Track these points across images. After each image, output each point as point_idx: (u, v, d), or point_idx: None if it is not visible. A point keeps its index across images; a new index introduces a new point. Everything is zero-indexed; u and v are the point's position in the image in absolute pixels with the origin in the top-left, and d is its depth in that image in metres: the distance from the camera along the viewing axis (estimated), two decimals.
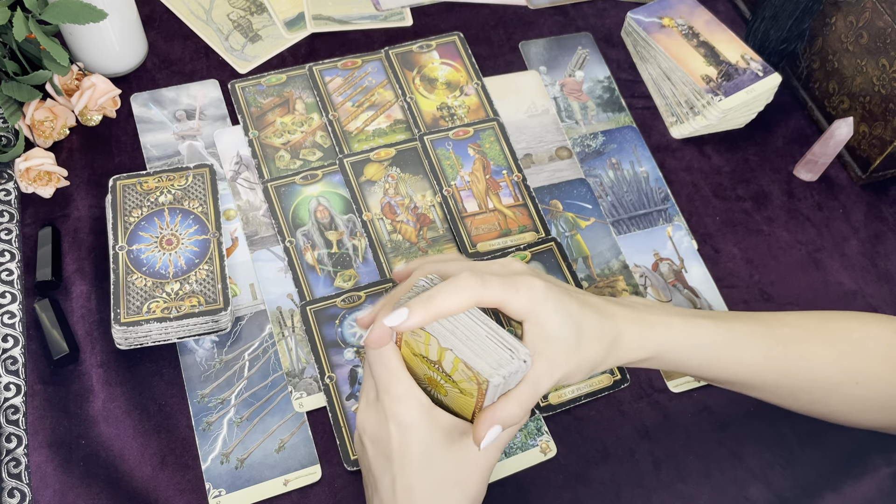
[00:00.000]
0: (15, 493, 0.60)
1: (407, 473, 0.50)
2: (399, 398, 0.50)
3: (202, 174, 0.71)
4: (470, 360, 0.48)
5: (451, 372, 0.50)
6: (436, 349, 0.50)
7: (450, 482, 0.51)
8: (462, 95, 0.82)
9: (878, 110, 0.77)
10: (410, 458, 0.50)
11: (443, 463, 0.51)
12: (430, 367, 0.52)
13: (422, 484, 0.50)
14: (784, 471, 0.65)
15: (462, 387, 0.51)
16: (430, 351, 0.51)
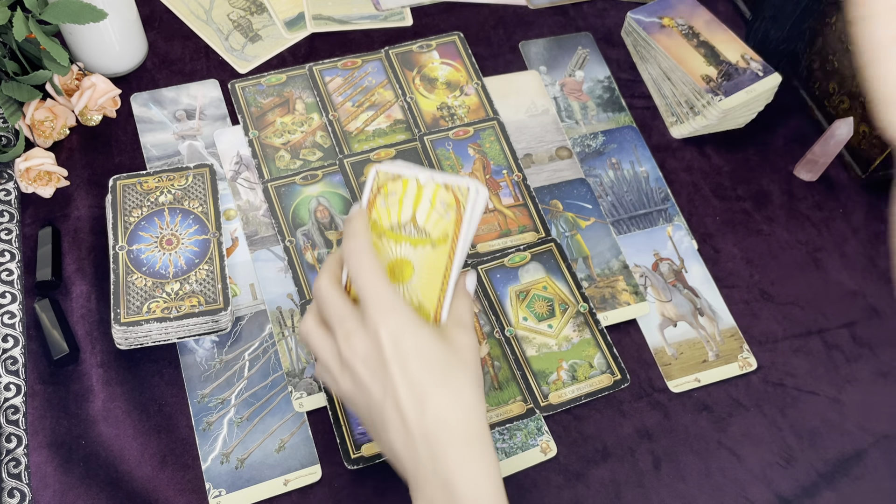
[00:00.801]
0: (15, 493, 0.60)
1: (409, 371, 0.50)
2: (387, 306, 0.51)
3: (202, 174, 0.71)
4: (448, 180, 0.54)
5: (427, 217, 0.54)
6: (412, 197, 0.54)
7: (451, 366, 0.51)
8: (462, 95, 0.82)
9: None
10: (408, 357, 0.50)
11: (438, 352, 0.51)
12: (398, 239, 0.55)
13: (426, 376, 0.50)
14: (784, 470, 0.65)
15: (436, 236, 0.54)
16: (405, 206, 0.55)
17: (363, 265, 0.52)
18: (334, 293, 0.53)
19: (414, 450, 0.50)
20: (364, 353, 0.51)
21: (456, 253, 0.54)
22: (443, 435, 0.49)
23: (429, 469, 0.49)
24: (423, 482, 0.50)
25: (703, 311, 0.72)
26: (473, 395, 0.51)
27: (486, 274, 0.72)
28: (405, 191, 0.55)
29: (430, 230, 0.55)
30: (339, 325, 0.52)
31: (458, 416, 0.50)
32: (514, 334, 0.69)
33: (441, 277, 0.54)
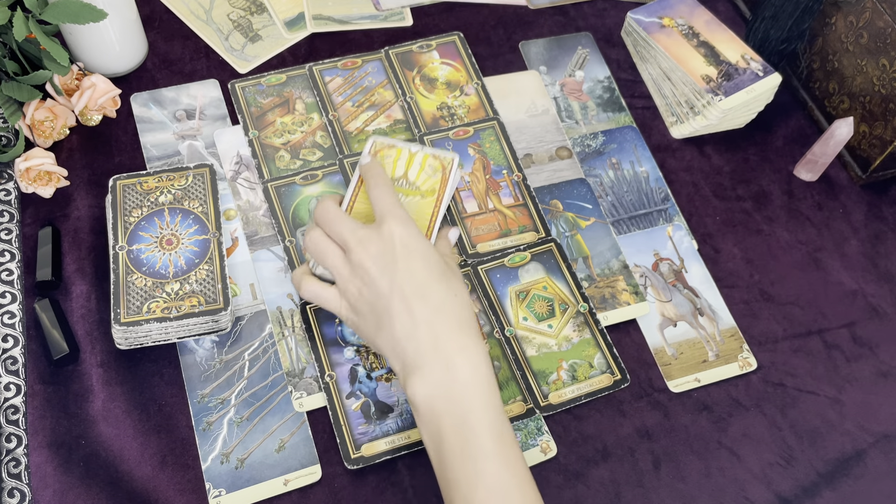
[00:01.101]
0: (15, 493, 0.60)
1: (415, 269, 0.59)
2: (401, 217, 0.60)
3: (202, 174, 0.71)
4: (435, 152, 0.70)
5: (417, 175, 0.69)
6: (405, 160, 0.70)
7: (447, 271, 0.60)
8: (462, 95, 0.82)
9: (878, 110, 0.77)
10: (415, 257, 0.59)
11: (438, 259, 0.60)
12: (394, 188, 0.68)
13: (429, 274, 0.59)
14: (783, 470, 0.65)
15: (425, 189, 0.69)
16: (398, 166, 0.70)
17: (381, 183, 0.63)
18: (342, 212, 0.62)
19: (415, 335, 0.57)
20: (377, 252, 0.59)
21: (442, 202, 0.68)
22: (443, 321, 0.57)
23: (430, 351, 0.57)
24: (424, 362, 0.57)
25: (703, 311, 0.72)
26: (465, 293, 0.61)
27: (486, 274, 0.72)
28: (398, 155, 0.70)
29: (419, 185, 0.69)
30: (352, 233, 0.60)
31: (455, 307, 0.59)
32: (514, 334, 0.69)
33: (429, 219, 0.67)
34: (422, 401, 0.56)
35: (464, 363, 0.56)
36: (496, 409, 0.56)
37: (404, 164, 0.70)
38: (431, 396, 0.56)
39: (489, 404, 0.56)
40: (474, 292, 0.71)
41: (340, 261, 0.61)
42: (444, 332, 0.57)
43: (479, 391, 0.56)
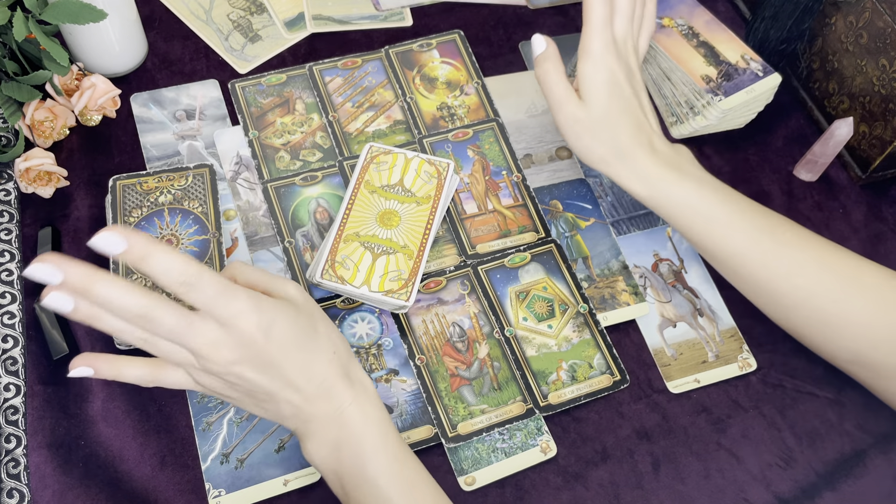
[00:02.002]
0: (14, 493, 0.60)
1: (283, 349, 0.51)
2: (243, 297, 0.49)
3: (202, 174, 0.71)
4: (430, 158, 0.73)
5: (413, 182, 0.71)
6: (401, 166, 0.72)
7: (312, 323, 0.54)
8: (462, 95, 0.82)
9: (878, 110, 0.77)
10: (277, 333, 0.51)
11: (295, 320, 0.53)
12: (387, 196, 0.71)
13: (298, 345, 0.53)
14: (783, 472, 0.65)
15: (421, 195, 0.71)
16: (394, 173, 0.72)
17: (213, 278, 0.49)
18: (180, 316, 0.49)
19: (304, 409, 0.53)
20: (238, 356, 0.50)
21: (437, 209, 0.71)
22: (330, 380, 0.54)
23: (322, 416, 0.53)
24: (316, 428, 0.54)
25: (702, 311, 0.72)
26: (334, 330, 0.56)
27: (486, 274, 0.72)
28: (394, 162, 0.72)
29: (415, 191, 0.71)
30: (197, 340, 0.49)
31: (336, 358, 0.55)
32: (514, 334, 0.69)
33: (424, 226, 0.70)
34: (321, 464, 0.54)
35: (354, 412, 0.54)
36: (391, 446, 0.55)
37: (400, 171, 0.72)
38: (328, 458, 0.54)
39: (384, 446, 0.54)
40: (474, 293, 0.71)
41: (193, 367, 0.52)
42: (334, 389, 0.54)
43: (371, 436, 0.54)
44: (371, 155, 0.73)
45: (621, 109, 0.64)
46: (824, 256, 0.61)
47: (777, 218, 0.63)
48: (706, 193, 0.63)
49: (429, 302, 0.70)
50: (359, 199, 0.70)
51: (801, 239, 0.62)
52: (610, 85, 0.64)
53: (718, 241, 0.63)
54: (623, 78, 0.65)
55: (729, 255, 0.63)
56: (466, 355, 0.68)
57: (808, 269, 0.61)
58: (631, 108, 0.65)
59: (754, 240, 0.62)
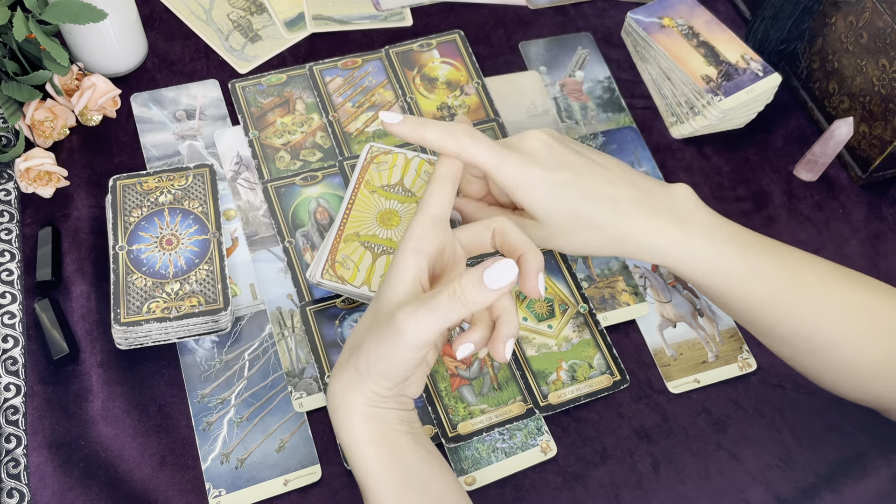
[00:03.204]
0: (14, 493, 0.60)
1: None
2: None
3: (202, 174, 0.71)
4: (431, 158, 0.72)
5: (413, 182, 0.71)
6: (401, 166, 0.71)
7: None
8: (462, 95, 0.82)
9: (878, 110, 0.77)
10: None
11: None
12: (388, 196, 0.70)
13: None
14: (783, 472, 0.65)
15: (420, 196, 0.66)
16: (394, 173, 0.71)
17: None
18: None
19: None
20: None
21: None
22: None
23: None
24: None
25: (702, 311, 0.72)
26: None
27: None
28: (395, 162, 0.72)
29: (416, 191, 0.71)
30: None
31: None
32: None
33: None
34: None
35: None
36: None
37: (400, 171, 0.72)
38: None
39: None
40: None
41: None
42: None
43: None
44: (371, 155, 0.73)
45: (581, 197, 0.55)
46: (844, 299, 0.58)
47: (795, 258, 0.59)
48: (720, 248, 0.57)
49: None
50: (359, 199, 0.70)
51: (822, 281, 0.58)
52: (555, 194, 0.55)
53: (738, 297, 0.58)
54: (566, 170, 0.55)
55: (748, 309, 0.59)
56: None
57: (830, 317, 0.58)
58: (594, 191, 0.55)
59: (775, 293, 0.57)
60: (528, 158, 0.54)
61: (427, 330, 0.48)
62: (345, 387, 0.52)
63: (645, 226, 0.56)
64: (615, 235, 0.56)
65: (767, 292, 0.57)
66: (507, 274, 0.47)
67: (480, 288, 0.47)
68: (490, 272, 0.47)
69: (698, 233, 0.57)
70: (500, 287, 0.47)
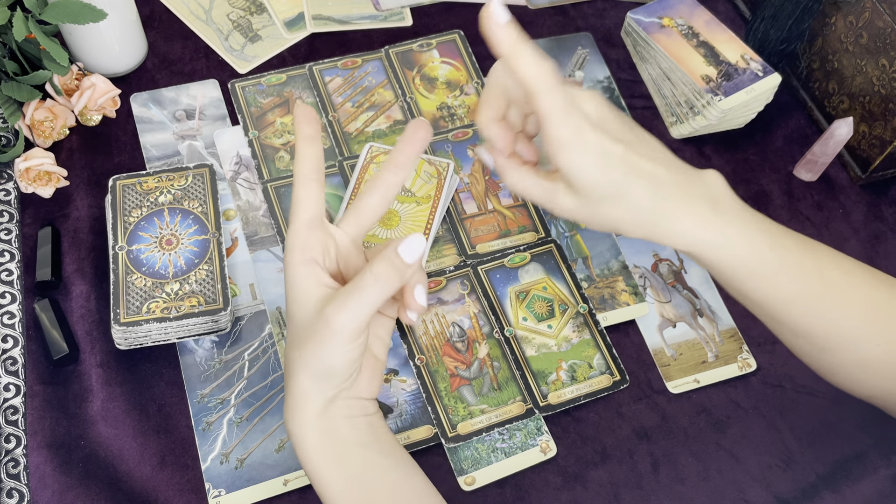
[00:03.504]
0: (14, 493, 0.60)
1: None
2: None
3: (202, 174, 0.71)
4: (430, 158, 0.74)
5: (413, 182, 0.72)
6: None
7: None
8: (462, 95, 0.82)
9: (877, 110, 0.77)
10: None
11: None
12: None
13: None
14: (783, 472, 0.65)
15: (421, 195, 0.72)
16: None
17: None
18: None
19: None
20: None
21: (437, 209, 0.71)
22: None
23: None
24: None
25: (702, 311, 0.72)
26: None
27: (486, 274, 0.72)
28: None
29: (415, 191, 0.71)
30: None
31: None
32: (514, 334, 0.69)
33: (424, 226, 0.70)
34: None
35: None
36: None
37: None
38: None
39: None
40: (474, 293, 0.71)
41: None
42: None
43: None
44: (371, 155, 0.73)
45: (626, 173, 0.52)
46: (869, 295, 0.57)
47: (822, 254, 0.57)
48: (752, 238, 0.54)
49: (429, 302, 0.70)
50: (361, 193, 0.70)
51: (848, 277, 0.56)
52: (602, 163, 0.52)
53: (763, 289, 0.56)
54: (618, 142, 0.52)
55: (772, 302, 0.56)
56: (466, 355, 0.68)
57: (854, 314, 0.56)
58: (640, 168, 0.52)
59: (802, 287, 0.55)
60: (585, 121, 0.51)
61: (358, 316, 0.49)
62: (297, 406, 0.51)
63: (681, 210, 0.53)
64: (649, 217, 0.53)
65: (794, 287, 0.56)
66: (418, 245, 0.50)
67: (398, 263, 0.49)
68: (404, 246, 0.49)
69: (731, 220, 0.54)
70: (415, 259, 0.50)
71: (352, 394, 0.52)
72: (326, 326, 0.49)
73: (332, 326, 0.48)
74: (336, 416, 0.51)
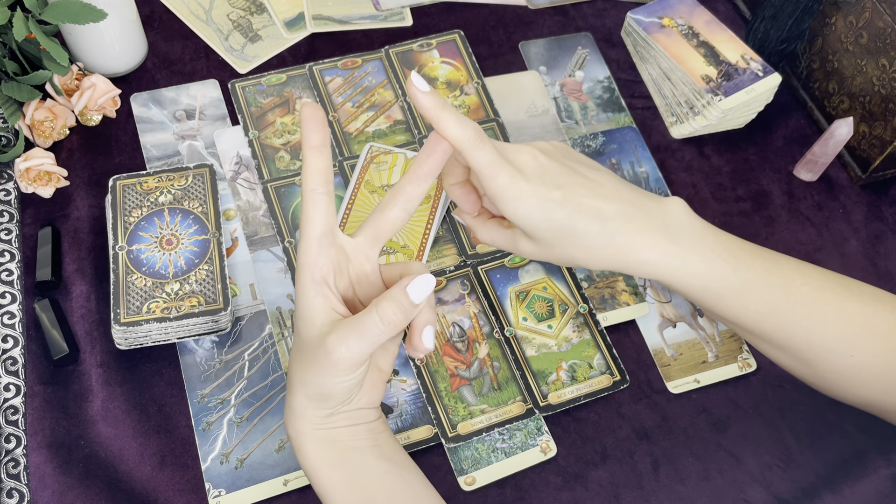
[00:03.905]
0: (14, 493, 0.60)
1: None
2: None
3: (202, 174, 0.71)
4: None
5: None
6: (400, 166, 0.72)
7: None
8: (462, 95, 0.82)
9: (878, 110, 0.77)
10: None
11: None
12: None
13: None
14: (783, 472, 0.65)
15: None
16: (394, 173, 0.72)
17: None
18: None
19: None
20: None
21: (437, 209, 0.71)
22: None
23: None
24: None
25: (702, 311, 0.72)
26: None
27: (486, 274, 0.72)
28: (395, 162, 0.73)
29: None
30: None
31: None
32: (514, 334, 0.69)
33: (424, 226, 0.70)
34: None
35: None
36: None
37: (400, 171, 0.72)
38: None
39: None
40: (474, 293, 0.71)
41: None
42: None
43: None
44: (371, 155, 0.73)
45: (569, 215, 0.54)
46: (840, 307, 0.58)
47: (790, 269, 0.58)
48: (713, 264, 0.56)
49: None
50: (359, 199, 0.70)
51: (817, 292, 0.57)
52: (541, 209, 0.54)
53: (732, 310, 0.58)
54: (554, 188, 0.54)
55: (743, 322, 0.58)
56: (466, 355, 0.68)
57: (826, 325, 0.57)
58: (583, 207, 0.54)
59: (770, 306, 0.57)
60: (518, 173, 0.54)
61: (358, 353, 0.49)
62: (296, 417, 0.52)
63: (636, 241, 0.55)
64: (605, 251, 0.55)
65: (762, 305, 0.57)
66: (427, 285, 0.50)
67: (406, 304, 0.49)
68: (413, 287, 0.50)
69: (691, 247, 0.56)
70: (423, 300, 0.50)
71: (352, 407, 0.53)
72: (326, 357, 0.49)
73: (332, 358, 0.49)
74: (335, 425, 0.52)
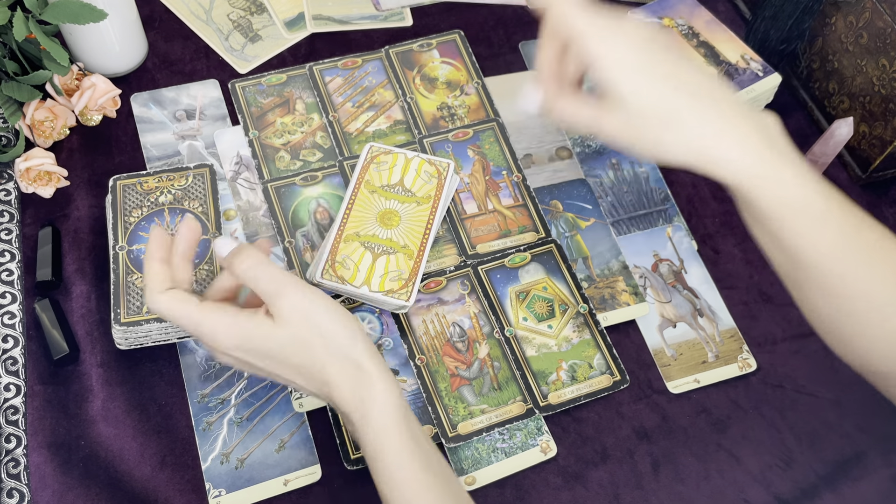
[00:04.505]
0: (14, 493, 0.60)
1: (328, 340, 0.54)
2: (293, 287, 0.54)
3: (202, 174, 0.71)
4: (430, 158, 0.73)
5: (413, 182, 0.72)
6: (401, 166, 0.72)
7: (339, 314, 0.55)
8: (462, 95, 0.82)
9: (878, 110, 0.77)
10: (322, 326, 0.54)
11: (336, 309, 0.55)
12: (388, 196, 0.71)
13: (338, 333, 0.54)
14: (783, 472, 0.65)
15: (421, 195, 0.71)
16: (394, 173, 0.72)
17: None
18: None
19: (321, 393, 0.55)
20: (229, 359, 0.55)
21: (437, 209, 0.71)
22: (327, 388, 0.54)
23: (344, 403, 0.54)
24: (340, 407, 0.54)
25: (702, 311, 0.72)
26: (351, 327, 0.55)
27: (486, 274, 0.72)
28: (395, 162, 0.73)
29: (415, 191, 0.71)
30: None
31: (325, 368, 0.54)
32: (514, 334, 0.69)
33: (424, 226, 0.70)
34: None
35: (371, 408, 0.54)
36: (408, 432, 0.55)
37: (400, 171, 0.72)
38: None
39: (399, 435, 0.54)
40: (474, 293, 0.71)
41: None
42: (334, 393, 0.54)
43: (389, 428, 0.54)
44: (371, 155, 0.73)
45: (676, 88, 0.50)
46: None
47: (863, 214, 0.54)
48: (804, 178, 0.51)
49: (429, 302, 0.70)
50: (359, 199, 0.70)
51: (885, 241, 0.53)
52: (656, 83, 0.51)
53: (805, 236, 0.52)
54: (658, 59, 0.51)
55: (811, 252, 0.52)
56: (466, 355, 0.68)
57: (890, 280, 0.53)
58: (697, 90, 0.51)
59: (844, 240, 0.52)
60: (625, 37, 0.51)
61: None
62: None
63: (732, 138, 0.51)
64: (696, 141, 0.51)
65: (836, 237, 0.52)
66: (225, 245, 0.55)
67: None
68: (216, 244, 0.55)
69: (784, 156, 0.51)
70: (223, 253, 0.54)
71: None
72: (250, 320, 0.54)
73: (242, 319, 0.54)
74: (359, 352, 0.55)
